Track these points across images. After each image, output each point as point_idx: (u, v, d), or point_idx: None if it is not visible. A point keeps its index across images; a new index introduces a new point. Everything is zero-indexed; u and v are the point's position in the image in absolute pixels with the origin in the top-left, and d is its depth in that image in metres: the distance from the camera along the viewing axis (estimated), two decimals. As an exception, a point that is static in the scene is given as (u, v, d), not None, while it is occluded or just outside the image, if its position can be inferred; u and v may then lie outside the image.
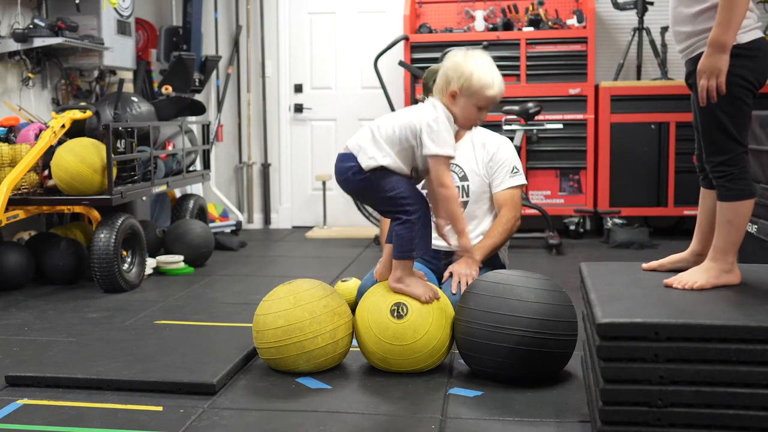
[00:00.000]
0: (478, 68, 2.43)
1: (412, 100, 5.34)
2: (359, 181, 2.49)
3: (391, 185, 2.46)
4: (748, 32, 2.00)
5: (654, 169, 5.24)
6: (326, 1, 6.15)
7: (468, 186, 3.13)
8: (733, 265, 2.07)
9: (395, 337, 2.43)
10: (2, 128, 3.91)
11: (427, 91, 3.09)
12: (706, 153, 2.08)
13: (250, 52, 6.18)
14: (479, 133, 3.21)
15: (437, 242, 3.19)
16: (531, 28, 5.47)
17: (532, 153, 5.42)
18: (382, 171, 2.46)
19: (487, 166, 3.13)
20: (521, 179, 3.14)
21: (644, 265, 2.29)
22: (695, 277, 2.06)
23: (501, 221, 3.09)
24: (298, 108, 6.20)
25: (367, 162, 2.46)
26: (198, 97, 5.50)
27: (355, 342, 2.60)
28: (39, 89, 4.51)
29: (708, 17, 2.00)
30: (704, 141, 2.08)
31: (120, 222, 3.80)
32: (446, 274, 3.01)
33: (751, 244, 3.35)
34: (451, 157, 2.47)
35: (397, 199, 2.46)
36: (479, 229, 3.14)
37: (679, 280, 2.07)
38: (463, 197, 3.13)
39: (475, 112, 2.47)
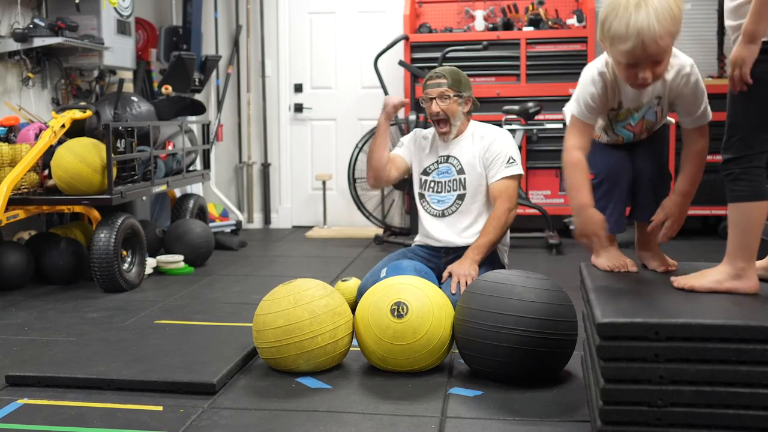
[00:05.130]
0: (614, 10, 1.91)
1: (412, 101, 5.34)
2: None
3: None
4: None
5: (654, 169, 5.23)
6: (326, 1, 6.14)
7: (465, 179, 3.13)
8: (744, 271, 1.96)
9: (395, 337, 2.43)
10: (2, 128, 3.91)
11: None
12: (722, 148, 2.00)
13: (250, 51, 6.18)
14: (479, 126, 3.21)
15: (435, 242, 3.20)
16: (531, 28, 5.47)
17: (532, 153, 5.42)
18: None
19: (483, 158, 3.12)
20: (517, 169, 3.10)
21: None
22: (696, 278, 2.04)
23: (495, 215, 3.07)
24: (298, 108, 6.20)
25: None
26: (198, 96, 5.50)
27: (355, 342, 2.60)
28: (39, 89, 4.51)
29: (748, 10, 1.94)
30: (725, 136, 2.00)
31: (120, 222, 3.80)
32: (445, 274, 3.01)
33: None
34: (576, 118, 2.17)
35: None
36: (476, 227, 3.14)
37: (679, 279, 2.06)
38: (460, 190, 3.13)
39: (624, 68, 2.00)
